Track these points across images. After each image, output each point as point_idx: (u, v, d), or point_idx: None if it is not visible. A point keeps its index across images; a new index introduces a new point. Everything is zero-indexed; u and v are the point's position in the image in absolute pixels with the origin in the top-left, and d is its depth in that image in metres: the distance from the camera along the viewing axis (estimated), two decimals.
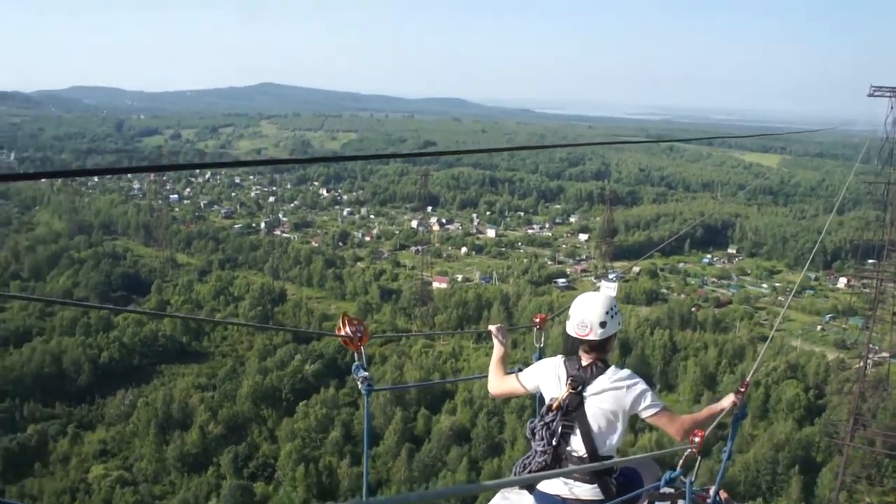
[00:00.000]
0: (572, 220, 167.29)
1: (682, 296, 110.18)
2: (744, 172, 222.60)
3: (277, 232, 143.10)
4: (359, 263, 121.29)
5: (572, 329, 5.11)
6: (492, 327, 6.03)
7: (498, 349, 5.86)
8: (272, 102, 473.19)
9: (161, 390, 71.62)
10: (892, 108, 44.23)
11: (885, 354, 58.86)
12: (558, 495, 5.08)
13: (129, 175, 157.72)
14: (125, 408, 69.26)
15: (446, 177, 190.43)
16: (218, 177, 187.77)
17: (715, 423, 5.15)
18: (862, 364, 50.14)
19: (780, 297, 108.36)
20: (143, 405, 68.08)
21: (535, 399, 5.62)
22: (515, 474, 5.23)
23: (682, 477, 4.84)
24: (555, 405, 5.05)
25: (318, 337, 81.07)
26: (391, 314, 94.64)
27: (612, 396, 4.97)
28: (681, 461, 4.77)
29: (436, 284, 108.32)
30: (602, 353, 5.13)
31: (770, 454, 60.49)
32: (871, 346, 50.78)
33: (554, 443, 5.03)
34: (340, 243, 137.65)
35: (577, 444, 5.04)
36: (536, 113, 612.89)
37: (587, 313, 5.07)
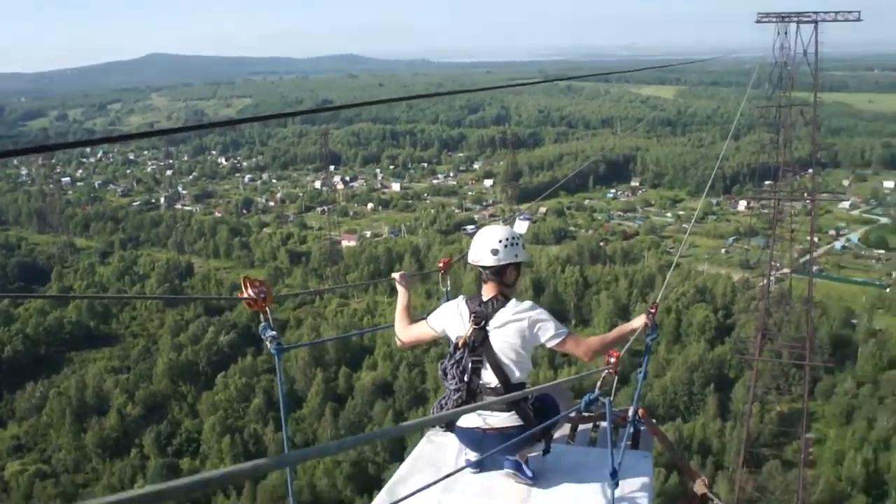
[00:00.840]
0: (476, 166, 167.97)
1: (590, 231, 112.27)
2: (641, 106, 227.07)
3: (178, 206, 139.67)
4: (265, 229, 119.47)
5: (470, 257, 5.21)
6: (395, 275, 5.99)
7: (402, 296, 5.81)
8: (161, 74, 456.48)
9: (72, 378, 69.36)
10: (778, 33, 45.24)
11: (786, 270, 60.82)
12: (477, 427, 5.11)
13: (14, 160, 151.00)
14: (36, 400, 66.82)
15: (346, 134, 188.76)
16: (111, 155, 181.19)
17: (628, 345, 5.17)
18: (765, 281, 51.82)
19: (684, 225, 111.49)
20: (55, 395, 65.86)
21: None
22: None
23: (601, 398, 4.82)
24: (461, 342, 5.06)
25: (229, 307, 79.63)
26: (302, 277, 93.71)
27: (514, 328, 4.97)
28: (598, 383, 4.76)
29: (345, 243, 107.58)
30: (502, 285, 5.13)
31: (685, 376, 62.84)
32: (772, 263, 52.43)
33: (465, 379, 5.05)
34: (244, 211, 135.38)
35: (488, 377, 5.04)
36: (435, 63, 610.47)
37: (481, 241, 5.15)
